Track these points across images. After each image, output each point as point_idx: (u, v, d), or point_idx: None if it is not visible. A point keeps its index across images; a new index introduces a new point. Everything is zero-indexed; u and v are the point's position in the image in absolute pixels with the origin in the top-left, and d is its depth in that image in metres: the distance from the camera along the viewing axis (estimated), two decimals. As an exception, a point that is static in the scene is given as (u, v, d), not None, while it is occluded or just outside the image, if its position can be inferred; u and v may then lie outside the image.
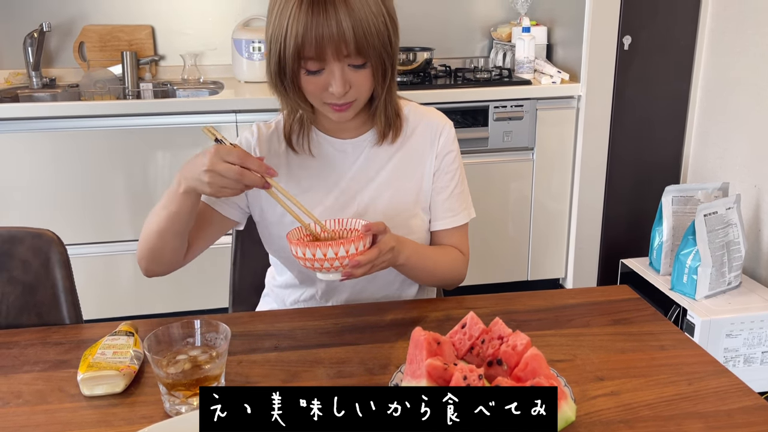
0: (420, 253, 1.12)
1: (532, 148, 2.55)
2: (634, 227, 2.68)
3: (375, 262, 0.97)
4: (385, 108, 1.12)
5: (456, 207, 1.20)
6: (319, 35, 0.97)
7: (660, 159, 2.64)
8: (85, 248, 2.39)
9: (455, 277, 1.20)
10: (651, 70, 2.52)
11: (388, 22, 1.04)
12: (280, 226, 1.14)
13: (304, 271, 1.15)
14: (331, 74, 1.02)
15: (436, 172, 1.19)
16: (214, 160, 0.93)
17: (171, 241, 1.07)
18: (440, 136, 1.18)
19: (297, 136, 1.15)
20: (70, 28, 2.70)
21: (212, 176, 0.94)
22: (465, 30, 2.96)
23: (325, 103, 1.05)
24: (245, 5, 2.78)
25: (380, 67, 1.04)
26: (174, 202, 1.01)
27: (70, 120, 2.26)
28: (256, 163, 0.95)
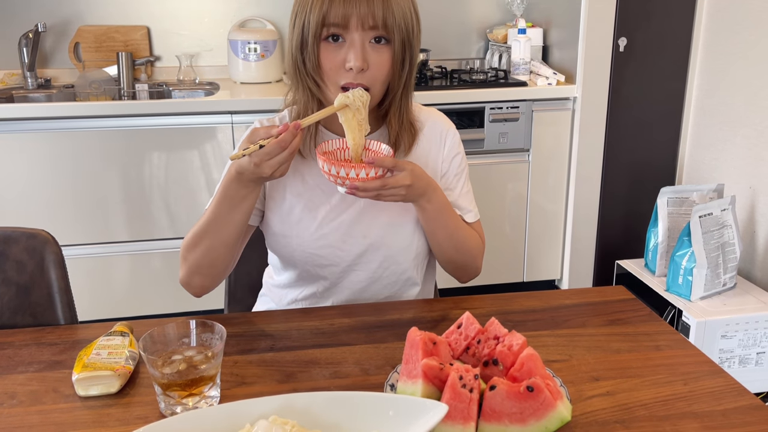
0: (447, 208, 1.13)
1: (528, 150, 2.55)
2: (629, 228, 2.68)
3: (381, 191, 1.01)
4: (399, 109, 1.12)
5: (465, 205, 1.21)
6: (347, 1, 0.99)
7: (655, 160, 2.65)
8: (81, 249, 2.38)
9: (471, 253, 1.18)
10: (646, 72, 2.53)
11: (413, 15, 1.06)
12: (283, 225, 1.14)
13: (305, 269, 1.15)
14: (352, 45, 1.02)
15: (445, 175, 1.20)
16: (265, 168, 0.97)
17: (231, 246, 1.09)
18: (446, 139, 1.20)
19: (303, 139, 1.14)
20: (66, 29, 2.70)
21: (268, 172, 0.97)
22: (461, 31, 2.97)
23: (341, 86, 1.05)
24: (241, 6, 2.78)
25: (401, 53, 1.05)
26: (241, 204, 1.04)
27: (66, 120, 2.25)
28: (287, 137, 0.96)
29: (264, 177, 0.99)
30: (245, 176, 1.01)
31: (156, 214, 2.40)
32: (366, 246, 1.14)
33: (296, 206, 1.14)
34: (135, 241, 2.42)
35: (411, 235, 1.15)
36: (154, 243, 2.43)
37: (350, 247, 1.13)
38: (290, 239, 1.14)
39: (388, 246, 1.14)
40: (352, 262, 1.14)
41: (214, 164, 2.38)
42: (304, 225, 1.13)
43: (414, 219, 1.15)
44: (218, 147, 2.37)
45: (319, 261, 1.14)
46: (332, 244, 1.13)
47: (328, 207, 1.14)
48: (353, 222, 1.13)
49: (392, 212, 1.14)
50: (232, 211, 1.05)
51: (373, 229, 1.13)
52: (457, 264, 1.19)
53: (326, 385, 0.90)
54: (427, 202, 1.09)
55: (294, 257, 1.15)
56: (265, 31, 2.69)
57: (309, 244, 1.13)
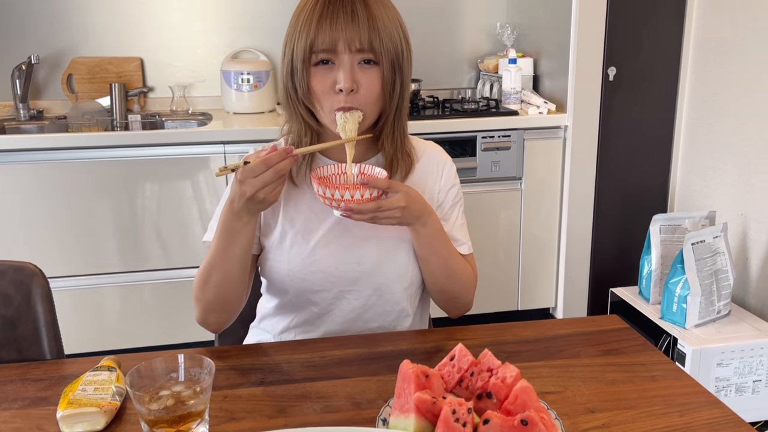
0: (442, 235, 1.13)
1: (520, 178, 2.56)
2: (622, 256, 2.68)
3: (376, 213, 1.02)
4: (393, 133, 1.12)
5: (459, 237, 1.20)
6: (333, 26, 1.01)
7: (647, 187, 2.66)
8: (71, 281, 2.36)
9: (464, 284, 1.17)
10: (636, 101, 2.56)
11: (402, 39, 1.07)
12: (276, 251, 1.13)
13: (297, 294, 1.14)
14: (341, 66, 1.03)
15: (441, 205, 1.20)
16: (249, 186, 0.96)
17: (240, 281, 1.08)
18: (443, 171, 1.20)
19: (298, 167, 1.15)
20: (59, 60, 2.71)
21: (260, 196, 0.97)
22: (452, 62, 3.00)
23: (332, 110, 1.05)
24: (235, 38, 2.80)
25: (391, 75, 1.06)
26: (238, 238, 1.04)
27: (57, 152, 2.25)
28: (274, 158, 0.96)
29: (252, 201, 0.98)
30: (236, 205, 1.00)
31: (148, 245, 2.39)
32: (359, 273, 1.13)
33: (289, 231, 1.13)
34: (126, 272, 2.39)
35: (405, 263, 1.14)
36: (146, 274, 2.41)
37: (343, 274, 1.13)
38: (282, 264, 1.13)
39: (382, 273, 1.13)
40: (345, 289, 1.13)
41: (206, 194, 2.37)
42: (296, 250, 1.12)
43: (409, 248, 1.14)
44: (211, 177, 2.36)
45: (311, 287, 1.13)
46: (324, 269, 1.12)
47: (321, 233, 1.13)
48: (347, 248, 1.13)
49: (387, 240, 1.13)
50: (232, 245, 1.04)
51: (367, 256, 1.13)
52: (449, 295, 1.18)
53: (317, 420, 0.88)
54: (422, 226, 1.09)
55: (285, 283, 1.14)
56: (258, 62, 2.71)
57: (301, 270, 1.12)
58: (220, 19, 2.79)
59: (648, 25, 2.49)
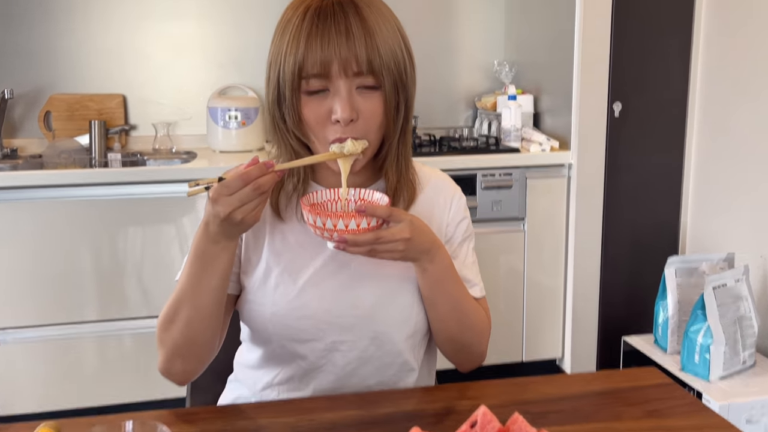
0: (452, 273, 0.97)
1: (522, 218, 2.42)
2: (634, 302, 2.52)
3: (375, 246, 0.86)
4: (397, 159, 0.97)
5: (471, 278, 1.05)
6: (324, 46, 0.86)
7: (657, 228, 2.52)
8: (42, 330, 2.16)
9: (476, 330, 1.01)
10: (643, 137, 2.45)
11: (404, 52, 0.93)
12: (258, 292, 0.97)
13: (281, 344, 0.97)
14: (336, 94, 0.88)
15: (449, 240, 1.04)
16: (224, 205, 0.81)
17: (213, 319, 0.92)
18: (452, 202, 1.05)
19: (288, 199, 0.99)
20: (36, 97, 2.58)
21: (238, 217, 0.82)
22: (448, 100, 2.90)
23: (328, 142, 0.91)
24: (222, 74, 2.69)
25: (394, 97, 0.91)
26: (214, 266, 0.88)
27: (30, 190, 2.09)
28: (252, 171, 0.81)
29: (228, 223, 0.83)
30: (211, 228, 0.85)
31: (126, 291, 2.21)
32: (355, 319, 0.96)
33: (274, 268, 0.97)
34: (103, 321, 2.20)
35: (409, 307, 0.98)
36: (125, 323, 2.22)
37: (336, 319, 0.96)
38: (264, 308, 0.96)
39: (381, 319, 0.97)
40: (338, 338, 0.96)
41: (191, 236, 2.21)
42: (281, 291, 0.96)
43: (413, 289, 0.98)
44: (196, 218, 2.20)
45: (298, 335, 0.96)
46: (314, 314, 0.96)
47: (311, 270, 0.97)
48: (341, 289, 0.96)
49: (387, 279, 0.97)
50: (206, 273, 0.88)
51: (364, 298, 0.96)
52: (460, 344, 1.01)
53: (304, 504, 0.70)
54: (430, 263, 0.93)
55: (268, 330, 0.97)
56: (246, 99, 2.59)
57: (286, 314, 0.95)
58: (208, 55, 2.68)
59: (654, 57, 2.40)
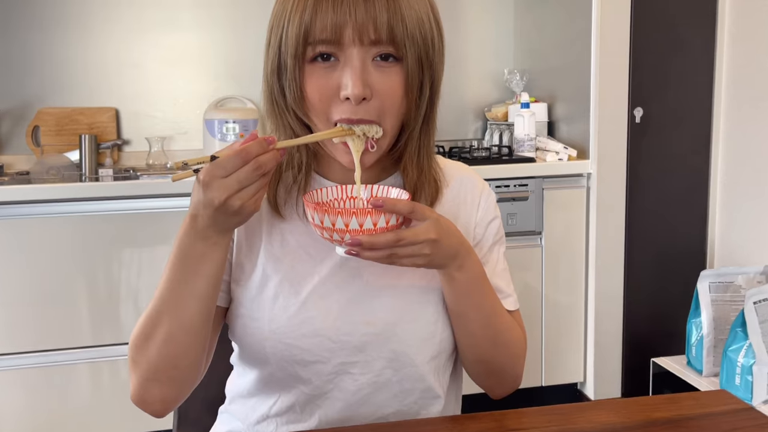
0: (484, 282, 0.82)
1: (539, 232, 2.27)
2: (661, 320, 2.36)
3: (396, 249, 0.70)
4: (418, 152, 0.82)
5: (503, 287, 0.89)
6: (337, 6, 0.72)
7: (683, 241, 2.37)
8: (27, 358, 2.00)
9: (512, 350, 0.86)
10: (666, 144, 2.31)
11: (433, 21, 0.78)
12: (253, 304, 0.81)
13: (280, 367, 0.82)
14: (347, 65, 0.74)
15: (478, 243, 0.89)
16: (219, 188, 0.67)
17: (199, 335, 0.76)
18: (480, 200, 0.90)
19: (287, 192, 0.84)
20: (24, 112, 2.45)
21: (236, 203, 0.68)
22: (457, 112, 2.77)
23: (334, 122, 0.76)
24: (219, 86, 2.57)
25: (418, 74, 0.76)
26: (203, 268, 0.73)
27: (17, 206, 1.96)
28: (251, 148, 0.67)
29: (223, 212, 0.68)
30: (200, 221, 0.70)
31: (122, 314, 2.05)
32: (369, 336, 0.81)
33: (272, 277, 0.82)
34: (96, 347, 2.05)
35: (433, 323, 0.82)
36: (120, 348, 2.05)
37: (346, 337, 0.80)
38: (261, 323, 0.81)
39: (400, 338, 0.81)
40: (348, 360, 0.81)
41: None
42: (281, 304, 0.81)
43: (438, 301, 0.83)
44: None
45: (301, 356, 0.80)
46: (320, 331, 0.80)
47: (316, 279, 0.82)
48: (352, 301, 0.81)
49: (407, 290, 0.82)
50: (192, 277, 0.73)
51: (380, 311, 0.81)
52: (492, 367, 0.86)
53: None
54: (458, 270, 0.78)
55: (266, 350, 0.81)
56: (244, 110, 2.46)
57: (287, 331, 0.80)
58: (204, 66, 2.56)
59: (676, 59, 2.28)
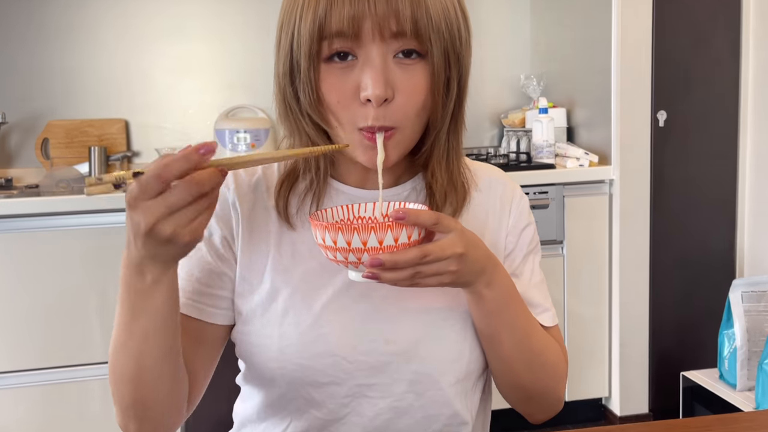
0: (515, 299, 0.74)
1: (561, 242, 2.19)
2: (690, 331, 2.26)
3: (420, 268, 0.62)
4: (447, 155, 0.75)
5: (539, 301, 0.81)
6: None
7: (711, 248, 2.28)
8: (37, 375, 1.95)
9: (551, 372, 0.78)
10: (691, 148, 2.23)
11: (459, 12, 0.70)
12: (260, 320, 0.74)
13: (292, 389, 0.75)
14: (367, 64, 0.67)
15: (510, 254, 0.81)
16: (144, 213, 0.57)
17: (164, 373, 0.67)
18: (512, 204, 0.82)
19: (301, 203, 0.77)
20: (33, 124, 2.42)
21: (166, 231, 0.57)
22: (472, 118, 2.65)
23: (356, 129, 0.69)
24: (229, 96, 2.52)
25: (444, 71, 0.69)
26: (146, 305, 0.63)
27: (25, 219, 1.93)
28: (179, 162, 0.57)
29: (154, 240, 0.58)
30: (132, 251, 0.61)
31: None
32: (388, 356, 0.73)
33: (282, 290, 0.75)
34: (106, 363, 1.98)
35: (460, 341, 0.75)
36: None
37: (363, 357, 0.73)
38: (270, 341, 0.74)
39: (423, 358, 0.74)
40: (366, 382, 0.74)
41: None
42: (292, 319, 0.74)
43: (465, 318, 0.75)
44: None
45: (314, 377, 0.74)
46: (335, 350, 0.73)
47: (330, 292, 0.75)
48: (370, 317, 0.74)
49: (432, 304, 0.75)
50: (138, 319, 0.65)
51: (402, 329, 0.74)
52: (531, 392, 0.78)
53: None
54: (486, 286, 0.70)
55: (274, 370, 0.74)
56: (256, 120, 2.41)
57: (298, 350, 0.73)
58: (214, 75, 2.52)
59: (700, 61, 2.20)
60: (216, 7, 2.48)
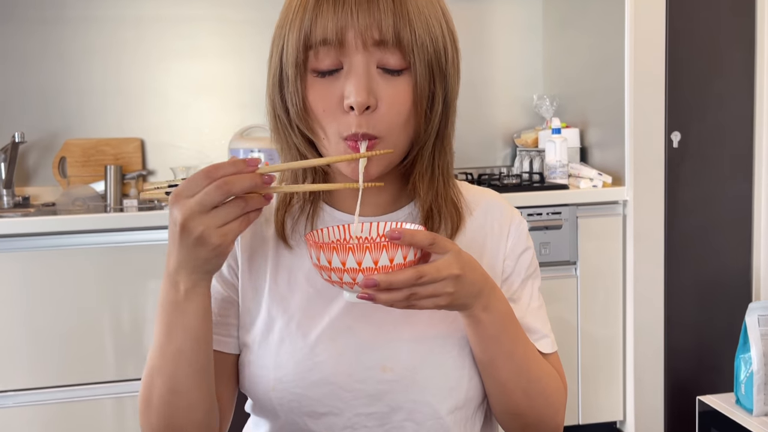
0: (512, 323, 0.73)
1: (574, 262, 2.17)
2: (706, 355, 2.23)
3: (416, 289, 0.62)
4: (432, 172, 0.75)
5: (538, 327, 0.81)
6: (338, 8, 0.66)
7: (727, 270, 2.25)
8: (52, 393, 1.96)
9: (550, 400, 0.77)
10: (706, 169, 2.21)
11: (445, 29, 0.72)
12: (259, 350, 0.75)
13: (289, 419, 0.75)
14: (350, 72, 0.68)
15: (508, 279, 0.81)
16: (181, 209, 0.60)
17: (197, 400, 0.68)
18: (510, 228, 0.82)
19: (294, 221, 0.78)
20: (51, 143, 2.46)
21: (197, 228, 0.60)
22: (485, 138, 2.71)
23: (341, 138, 0.70)
24: (244, 116, 2.55)
25: (428, 85, 0.70)
26: (179, 321, 0.65)
27: (40, 238, 1.95)
28: (226, 165, 0.61)
29: (194, 245, 0.60)
30: (171, 258, 0.63)
31: (145, 348, 2.00)
32: (386, 384, 0.73)
33: (278, 318, 0.75)
34: (121, 381, 2.00)
35: (458, 368, 0.75)
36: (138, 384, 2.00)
37: (360, 385, 0.73)
38: (267, 371, 0.74)
39: (420, 386, 0.73)
40: (364, 411, 0.74)
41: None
42: (287, 348, 0.74)
43: (463, 344, 0.75)
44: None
45: (311, 407, 0.73)
46: (331, 378, 0.73)
47: (326, 320, 0.74)
48: (366, 344, 0.74)
49: (428, 331, 0.75)
50: (172, 335, 0.66)
51: (398, 356, 0.73)
52: (528, 420, 0.78)
53: None
54: (484, 310, 0.70)
55: (273, 400, 0.74)
56: (269, 139, 2.43)
57: (295, 379, 0.73)
58: (229, 96, 2.56)
59: (714, 82, 2.20)
60: (231, 27, 2.51)
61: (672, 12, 2.12)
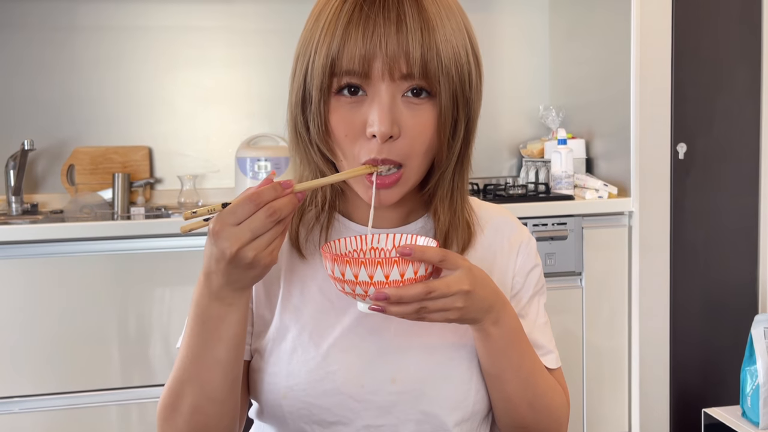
0: (521, 338, 0.74)
1: (579, 273, 2.17)
2: (712, 367, 2.22)
3: (426, 303, 0.63)
4: (451, 195, 0.76)
5: (544, 343, 0.82)
6: (367, 36, 0.66)
7: (733, 282, 2.25)
8: (59, 399, 1.97)
9: (554, 414, 0.78)
10: (712, 181, 2.21)
11: (471, 55, 0.72)
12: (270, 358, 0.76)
13: (298, 428, 0.75)
14: (375, 101, 0.68)
15: (516, 295, 0.82)
16: (230, 238, 0.62)
17: (226, 397, 0.71)
18: (520, 247, 0.83)
19: (309, 234, 0.79)
20: (60, 151, 2.48)
21: (249, 255, 0.62)
22: (490, 148, 2.71)
23: (360, 163, 0.71)
24: (251, 125, 2.57)
25: (452, 112, 0.70)
26: (221, 331, 0.67)
27: (47, 245, 1.96)
28: (264, 192, 0.63)
29: (236, 265, 0.63)
30: (215, 278, 0.65)
31: (151, 355, 2.01)
32: (396, 395, 0.74)
33: (290, 328, 0.76)
34: (126, 389, 2.00)
35: (466, 382, 0.75)
36: (151, 390, 2.01)
37: (371, 396, 0.74)
38: (278, 379, 0.75)
39: (429, 398, 0.74)
40: (373, 422, 0.74)
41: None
42: (300, 357, 0.75)
43: (471, 357, 0.76)
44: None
45: (321, 416, 0.74)
46: (342, 389, 0.74)
47: (338, 331, 0.75)
48: (377, 356, 0.75)
49: (438, 344, 0.76)
50: (211, 343, 0.67)
51: (407, 369, 0.74)
52: (528, 422, 0.78)
53: None
54: (493, 325, 0.71)
55: (282, 408, 0.75)
56: (277, 148, 2.45)
57: (306, 388, 0.74)
58: (236, 105, 2.57)
59: (720, 94, 2.20)
60: (239, 37, 2.53)
61: (678, 23, 2.13)
